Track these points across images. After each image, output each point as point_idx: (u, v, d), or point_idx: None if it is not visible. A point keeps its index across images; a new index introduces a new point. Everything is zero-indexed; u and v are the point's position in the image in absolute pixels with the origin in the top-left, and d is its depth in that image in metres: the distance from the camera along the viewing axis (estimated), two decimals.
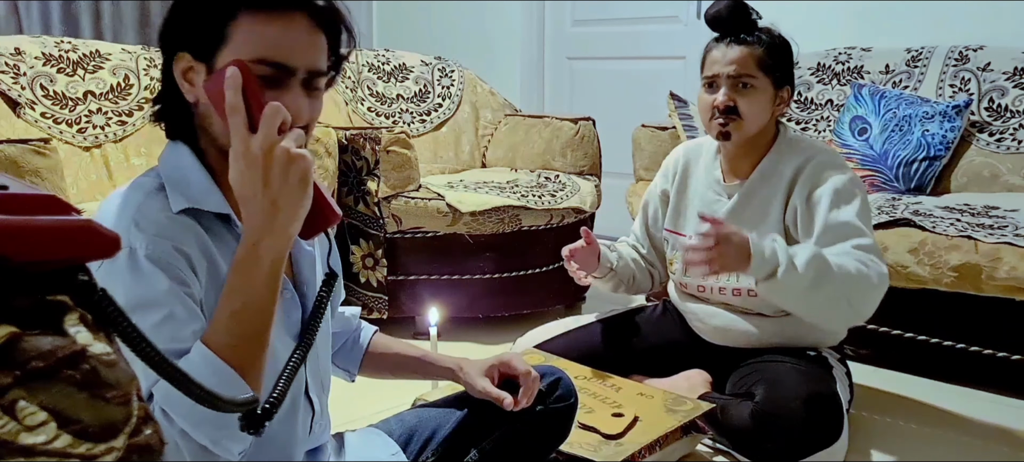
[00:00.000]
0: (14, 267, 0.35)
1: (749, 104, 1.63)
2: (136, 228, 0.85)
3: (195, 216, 0.90)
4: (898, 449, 1.75)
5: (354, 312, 1.28)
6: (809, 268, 1.44)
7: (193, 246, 0.88)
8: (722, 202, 1.74)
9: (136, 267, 0.83)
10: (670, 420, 1.53)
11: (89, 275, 0.39)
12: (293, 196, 0.81)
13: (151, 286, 0.83)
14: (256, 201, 0.81)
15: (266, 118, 0.80)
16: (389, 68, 3.19)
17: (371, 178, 2.34)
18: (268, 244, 0.81)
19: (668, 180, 1.88)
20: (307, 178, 0.82)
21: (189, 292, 0.85)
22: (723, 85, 1.63)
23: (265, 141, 0.80)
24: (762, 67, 1.63)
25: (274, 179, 0.80)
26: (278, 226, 0.81)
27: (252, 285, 0.82)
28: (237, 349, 0.81)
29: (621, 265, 1.89)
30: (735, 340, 1.76)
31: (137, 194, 0.90)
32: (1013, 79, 2.51)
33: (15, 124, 2.29)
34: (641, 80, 3.69)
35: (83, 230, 0.38)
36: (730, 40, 1.65)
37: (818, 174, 1.63)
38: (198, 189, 0.91)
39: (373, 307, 2.41)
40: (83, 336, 0.36)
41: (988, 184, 2.44)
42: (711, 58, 1.67)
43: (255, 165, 0.80)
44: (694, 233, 1.75)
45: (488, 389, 1.19)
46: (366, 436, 1.21)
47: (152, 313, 0.82)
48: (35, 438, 0.33)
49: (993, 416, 1.92)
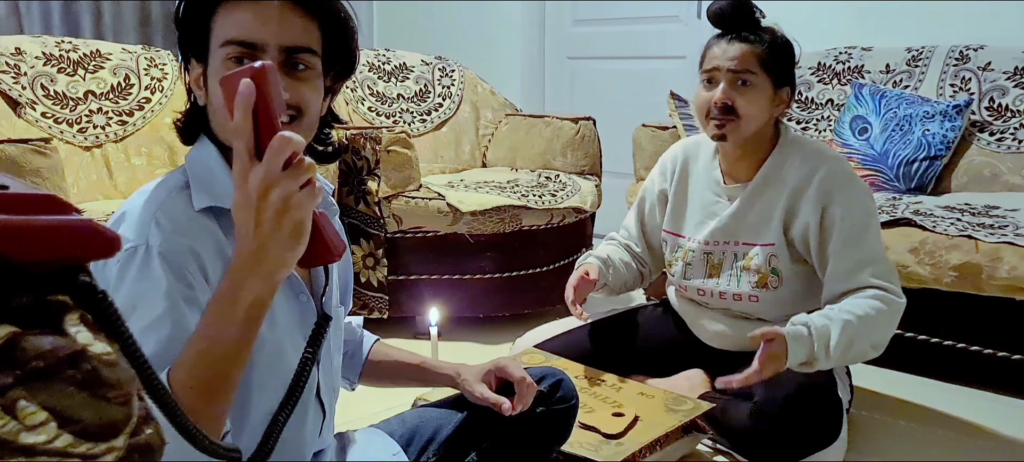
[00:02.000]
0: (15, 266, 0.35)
1: (747, 103, 1.60)
2: (155, 225, 0.86)
3: (215, 215, 0.91)
4: (898, 449, 1.75)
5: (358, 322, 1.29)
6: (839, 347, 1.48)
7: (208, 247, 0.88)
8: (722, 204, 1.73)
9: (147, 264, 0.84)
10: (670, 420, 1.53)
11: (90, 276, 0.39)
12: (282, 245, 0.73)
13: (156, 287, 0.83)
14: (246, 239, 0.74)
15: (272, 150, 0.71)
16: (389, 68, 3.19)
17: (371, 178, 2.34)
18: (250, 286, 0.75)
19: (666, 179, 1.85)
20: (301, 230, 0.74)
21: (193, 295, 0.85)
22: (722, 81, 1.61)
23: (264, 180, 0.71)
24: (763, 65, 1.61)
25: (265, 222, 0.72)
26: (263, 271, 0.74)
27: (226, 324, 0.75)
28: (196, 392, 0.74)
29: (613, 276, 1.87)
30: (735, 344, 1.75)
31: (161, 191, 0.90)
32: (1014, 79, 2.51)
33: (16, 124, 2.29)
34: (642, 80, 3.69)
35: (83, 230, 0.38)
36: (731, 37, 1.63)
37: (831, 191, 1.60)
38: (222, 187, 0.91)
39: (373, 307, 2.42)
40: (84, 336, 0.36)
41: (989, 184, 2.44)
42: (711, 54, 1.65)
43: (249, 203, 0.72)
44: (694, 237, 1.75)
45: (486, 395, 1.19)
46: (367, 436, 1.21)
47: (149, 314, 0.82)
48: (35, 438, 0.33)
49: (993, 416, 1.92)
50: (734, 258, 1.71)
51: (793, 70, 1.68)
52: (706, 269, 1.75)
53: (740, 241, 1.70)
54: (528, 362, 1.68)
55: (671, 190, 1.83)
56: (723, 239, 1.72)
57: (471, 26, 4.15)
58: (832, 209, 1.60)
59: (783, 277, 1.66)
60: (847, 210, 1.59)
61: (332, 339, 1.07)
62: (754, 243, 1.68)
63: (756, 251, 1.67)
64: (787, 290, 1.67)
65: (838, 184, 1.61)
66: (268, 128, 0.72)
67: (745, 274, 1.69)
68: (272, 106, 0.73)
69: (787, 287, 1.67)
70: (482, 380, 1.22)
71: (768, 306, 1.68)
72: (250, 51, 0.88)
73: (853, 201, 1.61)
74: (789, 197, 1.64)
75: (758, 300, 1.68)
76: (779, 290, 1.67)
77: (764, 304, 1.68)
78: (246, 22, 0.88)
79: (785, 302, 1.68)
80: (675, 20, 3.58)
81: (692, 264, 1.77)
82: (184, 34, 0.93)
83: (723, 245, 1.72)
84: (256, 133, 0.72)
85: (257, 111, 0.72)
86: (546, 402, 1.27)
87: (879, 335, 1.55)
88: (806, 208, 1.62)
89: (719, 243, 1.72)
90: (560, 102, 3.99)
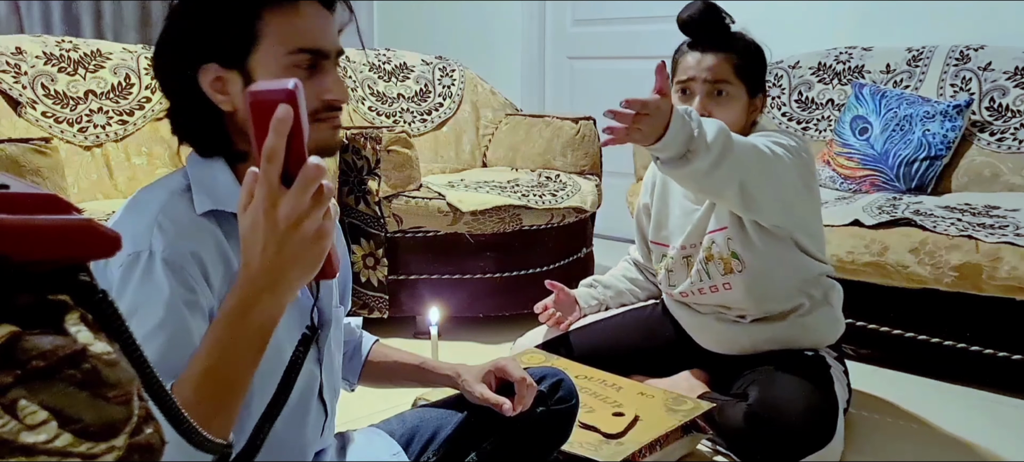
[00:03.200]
0: (15, 266, 0.35)
1: (725, 113, 1.58)
2: (158, 230, 0.86)
3: (217, 218, 0.91)
4: (898, 449, 1.75)
5: (357, 323, 1.29)
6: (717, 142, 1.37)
7: (210, 250, 0.89)
8: (699, 210, 1.73)
9: (150, 270, 0.84)
10: (670, 419, 1.53)
11: (90, 275, 0.39)
12: (303, 272, 0.73)
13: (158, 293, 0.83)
14: (262, 260, 0.72)
15: (304, 180, 0.69)
16: (390, 67, 3.19)
17: (372, 177, 2.34)
18: (262, 306, 0.74)
19: (648, 193, 1.87)
20: (320, 258, 0.73)
21: (195, 300, 0.85)
22: (698, 93, 1.60)
23: (295, 210, 0.69)
24: (738, 74, 1.61)
25: (289, 251, 0.71)
26: (278, 293, 0.74)
27: (235, 343, 0.75)
28: (202, 408, 0.73)
29: (611, 296, 1.92)
30: (729, 347, 1.76)
31: (162, 194, 0.90)
32: (1014, 79, 2.51)
33: (16, 123, 2.29)
34: (642, 80, 3.66)
35: (84, 229, 0.38)
36: (705, 46, 1.62)
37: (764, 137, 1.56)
38: (224, 191, 0.92)
39: (374, 306, 2.42)
40: (84, 335, 0.36)
41: (989, 184, 2.44)
42: (685, 64, 1.64)
43: (275, 230, 0.70)
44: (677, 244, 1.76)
45: (486, 395, 1.19)
46: (368, 436, 1.21)
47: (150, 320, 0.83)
48: (36, 437, 0.33)
49: (993, 416, 1.92)
50: (699, 252, 1.71)
51: (764, 76, 1.67)
52: (686, 272, 1.75)
53: (705, 236, 1.70)
54: (528, 362, 1.68)
55: (653, 203, 1.85)
56: (696, 240, 1.73)
57: (471, 26, 4.15)
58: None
59: (743, 259, 1.64)
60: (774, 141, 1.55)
61: (333, 339, 1.07)
62: (712, 230, 1.68)
63: (714, 238, 1.67)
64: (755, 270, 1.64)
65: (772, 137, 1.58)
66: (297, 153, 0.69)
67: (710, 264, 1.69)
68: (302, 130, 0.69)
69: (753, 267, 1.64)
70: (482, 380, 1.22)
71: (743, 291, 1.67)
72: (319, 58, 0.91)
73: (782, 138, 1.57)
74: None
75: (731, 287, 1.68)
76: (746, 272, 1.65)
77: (738, 290, 1.67)
78: (314, 30, 0.90)
79: (758, 282, 1.66)
80: (675, 20, 3.58)
81: (673, 270, 1.78)
82: (209, 39, 0.90)
83: (696, 247, 1.73)
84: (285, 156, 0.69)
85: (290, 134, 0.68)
86: (546, 402, 1.27)
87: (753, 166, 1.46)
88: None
89: (694, 245, 1.73)
90: (560, 102, 3.99)
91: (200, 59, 0.90)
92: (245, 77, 0.90)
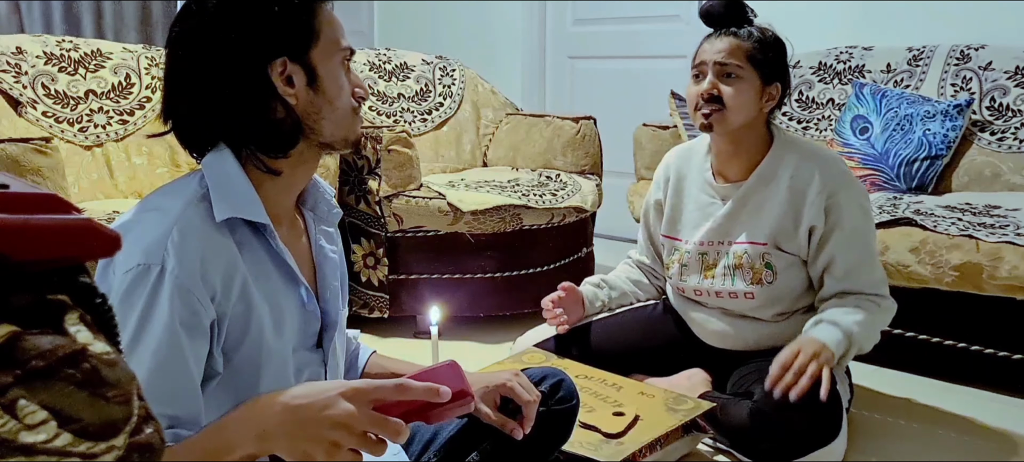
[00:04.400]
0: (15, 266, 0.35)
1: (733, 94, 1.61)
2: (172, 245, 0.85)
3: (230, 226, 0.91)
4: (898, 449, 1.75)
5: (355, 334, 1.28)
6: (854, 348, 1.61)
7: (219, 267, 0.89)
8: (716, 204, 1.74)
9: (158, 290, 0.84)
10: (671, 419, 1.53)
11: (90, 277, 0.39)
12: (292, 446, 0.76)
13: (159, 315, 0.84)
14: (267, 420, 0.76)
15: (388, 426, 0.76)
16: (390, 67, 3.19)
17: (372, 177, 2.34)
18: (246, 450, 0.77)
19: (660, 189, 1.88)
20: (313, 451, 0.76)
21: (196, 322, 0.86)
22: (709, 74, 1.63)
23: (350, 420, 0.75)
24: (749, 59, 1.63)
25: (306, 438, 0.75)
26: (267, 446, 0.77)
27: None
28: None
29: (616, 298, 1.93)
30: (734, 343, 1.77)
31: (177, 203, 0.90)
32: (1015, 78, 2.51)
33: (16, 123, 2.29)
34: (642, 79, 3.69)
35: (84, 229, 0.38)
36: (721, 32, 1.66)
37: (835, 192, 1.64)
38: (242, 198, 0.92)
39: (374, 306, 2.42)
40: (83, 335, 0.36)
41: (989, 183, 2.44)
42: (701, 50, 1.68)
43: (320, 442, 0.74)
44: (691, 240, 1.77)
45: (492, 416, 1.18)
46: None
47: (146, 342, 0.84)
48: (35, 436, 0.33)
49: (993, 416, 1.91)
50: (728, 257, 1.72)
51: (785, 67, 1.69)
52: (701, 269, 1.76)
53: (734, 240, 1.71)
54: (528, 361, 1.68)
55: (666, 198, 1.85)
56: (718, 239, 1.73)
57: (472, 25, 4.15)
58: (835, 210, 1.64)
59: (777, 273, 1.68)
60: (849, 211, 1.64)
61: (337, 341, 1.08)
62: (748, 241, 1.70)
63: (750, 249, 1.69)
64: (781, 286, 1.69)
65: (841, 185, 1.65)
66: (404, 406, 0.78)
67: (738, 271, 1.70)
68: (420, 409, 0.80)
69: (781, 283, 1.68)
70: (485, 399, 1.20)
71: (763, 302, 1.70)
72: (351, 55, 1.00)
73: (854, 202, 1.65)
74: (788, 197, 1.66)
75: (754, 297, 1.69)
76: (773, 286, 1.69)
77: (759, 301, 1.70)
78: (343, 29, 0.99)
79: (779, 298, 1.70)
80: (675, 19, 3.58)
81: (688, 265, 1.78)
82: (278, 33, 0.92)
83: (718, 245, 1.73)
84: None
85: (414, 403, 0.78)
86: (547, 402, 1.26)
87: (874, 339, 1.65)
88: (809, 208, 1.64)
89: (714, 243, 1.74)
90: (561, 101, 3.99)
91: (271, 54, 0.92)
92: (308, 71, 0.94)
